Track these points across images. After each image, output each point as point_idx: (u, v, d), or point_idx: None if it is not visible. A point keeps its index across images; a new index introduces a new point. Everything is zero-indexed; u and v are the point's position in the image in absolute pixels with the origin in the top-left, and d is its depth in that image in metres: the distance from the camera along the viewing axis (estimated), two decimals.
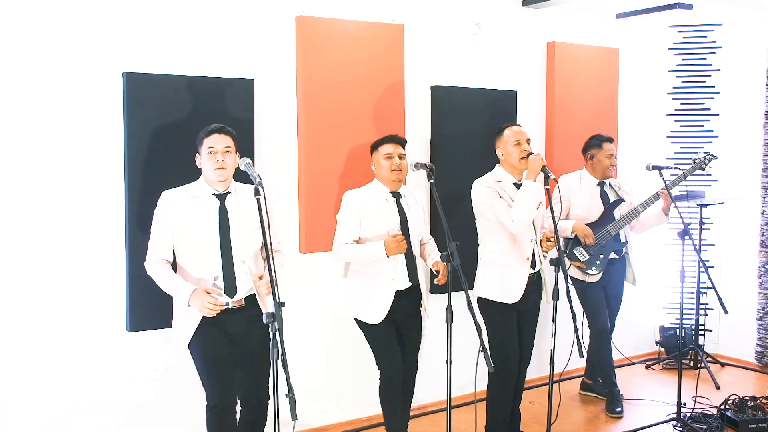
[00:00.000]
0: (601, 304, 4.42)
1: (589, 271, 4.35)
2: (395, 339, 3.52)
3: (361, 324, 3.54)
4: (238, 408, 3.18)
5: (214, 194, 3.06)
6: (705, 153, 4.36)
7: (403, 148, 3.54)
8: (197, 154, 3.09)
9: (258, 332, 3.07)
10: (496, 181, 3.67)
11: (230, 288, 3.05)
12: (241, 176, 3.08)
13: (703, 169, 4.35)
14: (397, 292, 3.45)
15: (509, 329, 3.69)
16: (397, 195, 3.52)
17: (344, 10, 4.03)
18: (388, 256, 3.34)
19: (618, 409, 4.42)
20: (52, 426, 3.35)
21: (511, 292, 3.62)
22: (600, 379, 4.67)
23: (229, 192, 3.09)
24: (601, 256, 4.34)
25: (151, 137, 3.42)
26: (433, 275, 3.47)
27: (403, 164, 3.49)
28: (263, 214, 2.68)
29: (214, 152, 3.01)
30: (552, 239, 3.59)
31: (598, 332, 4.42)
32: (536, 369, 4.74)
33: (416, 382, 3.72)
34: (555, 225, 3.38)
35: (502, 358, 3.59)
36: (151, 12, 3.49)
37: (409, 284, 3.50)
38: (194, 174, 3.12)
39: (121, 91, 3.39)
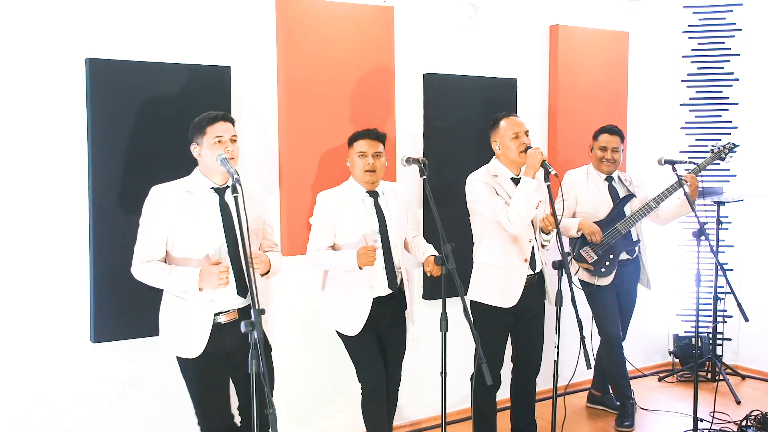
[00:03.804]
0: (612, 309, 4.45)
1: (599, 273, 4.37)
2: (377, 350, 3.55)
3: (340, 335, 3.57)
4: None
5: (212, 188, 3.04)
6: (727, 142, 4.39)
7: (382, 144, 3.52)
8: (194, 144, 3.03)
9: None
10: (493, 176, 3.70)
11: (242, 288, 3.04)
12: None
13: (723, 160, 4.37)
14: (377, 299, 3.47)
15: (500, 336, 3.76)
16: (374, 194, 3.52)
17: None
18: (360, 267, 3.35)
19: (627, 423, 4.46)
20: None
21: (507, 296, 3.67)
22: (611, 391, 4.71)
23: (227, 186, 3.03)
24: (611, 256, 4.37)
25: (118, 130, 3.43)
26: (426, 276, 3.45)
27: (378, 164, 3.48)
28: (241, 214, 2.67)
29: (223, 142, 2.98)
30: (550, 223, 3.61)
31: (609, 339, 4.45)
32: (540, 381, 4.75)
33: (409, 397, 3.73)
34: (557, 224, 3.44)
35: (488, 366, 3.61)
36: None
37: (390, 291, 3.52)
38: (166, 167, 3.13)
39: (84, 78, 3.40)
